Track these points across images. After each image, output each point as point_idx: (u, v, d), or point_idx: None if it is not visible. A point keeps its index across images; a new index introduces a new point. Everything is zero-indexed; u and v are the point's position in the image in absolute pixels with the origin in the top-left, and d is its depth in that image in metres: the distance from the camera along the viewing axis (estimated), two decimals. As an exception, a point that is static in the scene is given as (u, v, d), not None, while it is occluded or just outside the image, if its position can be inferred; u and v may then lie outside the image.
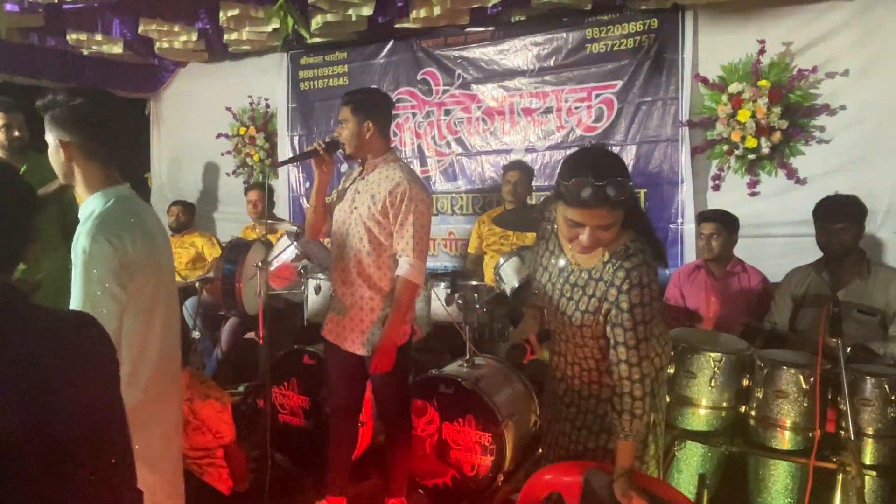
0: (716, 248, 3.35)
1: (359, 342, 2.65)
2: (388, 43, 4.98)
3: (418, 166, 4.93)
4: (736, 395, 2.55)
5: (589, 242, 1.74)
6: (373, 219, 2.58)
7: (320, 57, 5.29)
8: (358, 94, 2.72)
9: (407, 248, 2.57)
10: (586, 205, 1.68)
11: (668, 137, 4.08)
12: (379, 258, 2.61)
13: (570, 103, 4.37)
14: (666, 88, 4.08)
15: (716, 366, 2.52)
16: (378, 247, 2.61)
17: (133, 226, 1.77)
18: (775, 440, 2.45)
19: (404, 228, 2.57)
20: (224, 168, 5.84)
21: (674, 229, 4.09)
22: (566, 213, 1.74)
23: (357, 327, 2.65)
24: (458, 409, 2.99)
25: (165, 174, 6.23)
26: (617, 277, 1.81)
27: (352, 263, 2.63)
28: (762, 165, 3.86)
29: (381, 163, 2.66)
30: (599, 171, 1.67)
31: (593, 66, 4.28)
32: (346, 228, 2.66)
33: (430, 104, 4.86)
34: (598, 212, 1.69)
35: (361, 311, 2.65)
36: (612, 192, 1.66)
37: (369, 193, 2.61)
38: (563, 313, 1.94)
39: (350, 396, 2.81)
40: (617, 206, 1.70)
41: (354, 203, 2.65)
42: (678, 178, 4.06)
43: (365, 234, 2.61)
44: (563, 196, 1.73)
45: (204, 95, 5.78)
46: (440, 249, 4.89)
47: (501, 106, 4.61)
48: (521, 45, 4.51)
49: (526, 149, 4.54)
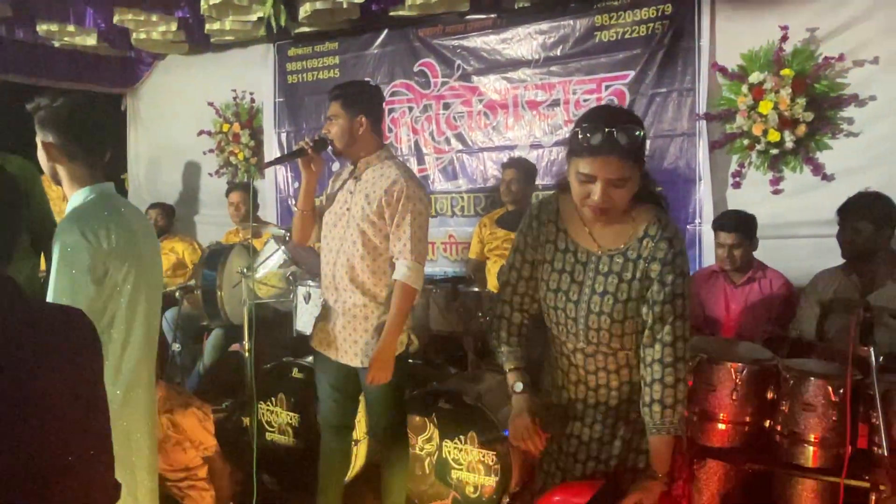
0: (738, 258, 3.32)
1: (352, 353, 2.65)
2: (382, 32, 4.99)
3: (415, 164, 4.94)
4: (759, 409, 2.55)
5: (601, 199, 1.72)
6: (367, 220, 2.59)
7: (309, 48, 5.30)
8: (348, 88, 2.73)
9: (405, 251, 2.57)
10: (597, 152, 1.69)
11: (685, 131, 4.08)
12: (374, 262, 2.62)
13: (579, 95, 4.37)
14: (681, 79, 4.08)
15: (737, 377, 2.51)
16: (373, 250, 2.61)
17: (108, 219, 1.87)
18: (802, 457, 2.43)
19: (401, 230, 2.57)
20: (206, 168, 5.85)
21: (691, 230, 4.08)
22: (577, 167, 1.74)
23: (350, 337, 2.66)
24: (459, 425, 2.99)
25: (143, 175, 6.23)
26: (660, 249, 1.80)
27: (344, 269, 2.63)
28: (786, 161, 3.85)
29: (374, 161, 2.67)
30: (610, 118, 1.71)
31: (603, 55, 4.28)
32: (338, 232, 2.67)
33: (428, 97, 4.87)
34: (609, 160, 1.69)
35: (355, 320, 2.65)
36: (624, 139, 1.67)
37: (363, 193, 2.62)
38: (595, 314, 1.85)
39: (342, 412, 2.81)
40: (629, 158, 1.70)
41: (347, 204, 2.66)
42: (695, 176, 4.06)
43: (359, 237, 2.61)
44: (573, 147, 1.75)
45: (184, 90, 5.79)
46: (439, 254, 4.89)
47: (504, 99, 4.61)
48: (526, 33, 4.51)
49: (531, 145, 4.54)
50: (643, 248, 1.82)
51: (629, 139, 1.68)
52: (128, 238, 1.90)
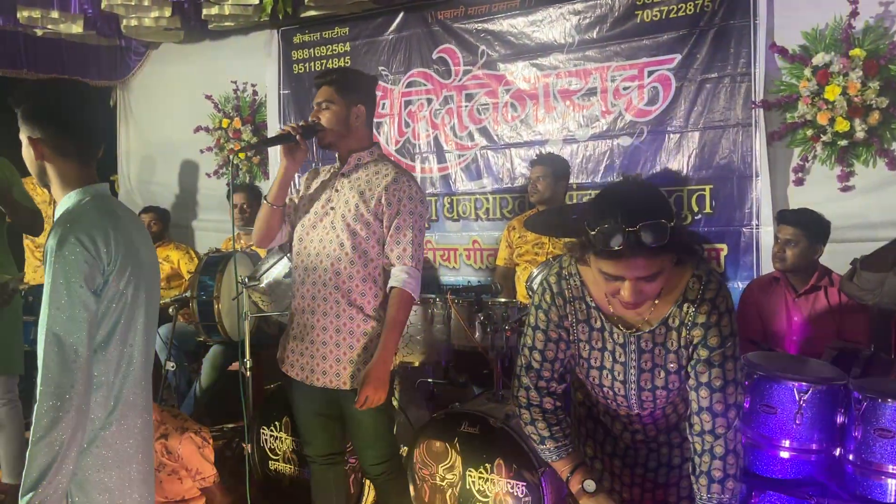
0: (790, 258, 3.32)
1: (334, 373, 2.62)
2: (398, 15, 5.03)
3: (435, 162, 4.96)
4: (828, 435, 2.51)
5: (632, 297, 1.73)
6: (361, 220, 2.59)
7: (317, 34, 5.35)
8: (346, 73, 2.74)
9: (404, 256, 2.58)
10: (620, 255, 1.67)
11: (739, 121, 4.05)
12: (364, 268, 2.61)
13: (618, 83, 4.36)
14: (735, 62, 4.05)
15: (801, 398, 2.48)
16: (363, 255, 2.60)
17: (106, 225, 1.87)
18: (878, 490, 2.39)
19: (401, 233, 2.58)
20: (204, 168, 5.91)
21: (747, 233, 4.04)
22: (599, 266, 1.74)
23: (331, 354, 2.62)
24: (484, 452, 2.97)
25: (134, 176, 6.32)
26: (701, 313, 1.83)
27: (328, 276, 2.61)
28: (857, 153, 3.80)
29: (367, 157, 2.69)
30: (631, 214, 1.65)
31: (645, 37, 4.27)
32: (318, 234, 2.65)
33: (449, 88, 4.89)
34: (635, 262, 1.67)
35: (339, 335, 2.61)
36: (649, 237, 1.63)
37: (356, 191, 2.62)
38: (647, 390, 1.94)
39: (331, 438, 2.79)
40: (659, 254, 1.68)
41: (331, 203, 2.65)
42: (751, 171, 4.02)
43: (347, 240, 2.59)
44: (592, 243, 1.72)
45: (179, 82, 5.88)
46: (462, 261, 4.88)
47: (534, 88, 4.61)
48: (558, 14, 4.52)
49: (564, 139, 4.53)
50: (684, 315, 1.85)
51: (656, 236, 1.64)
52: (127, 246, 1.90)
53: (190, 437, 2.98)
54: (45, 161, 1.92)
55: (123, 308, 1.90)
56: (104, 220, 1.88)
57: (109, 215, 1.91)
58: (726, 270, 4.09)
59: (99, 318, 1.84)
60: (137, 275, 1.93)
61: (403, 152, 5.07)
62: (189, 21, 5.18)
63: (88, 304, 1.80)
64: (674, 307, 1.85)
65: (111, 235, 1.85)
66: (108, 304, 1.86)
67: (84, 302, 1.79)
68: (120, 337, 1.90)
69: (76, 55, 5.69)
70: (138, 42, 5.88)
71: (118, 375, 1.90)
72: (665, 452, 2.09)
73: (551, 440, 2.01)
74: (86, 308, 1.79)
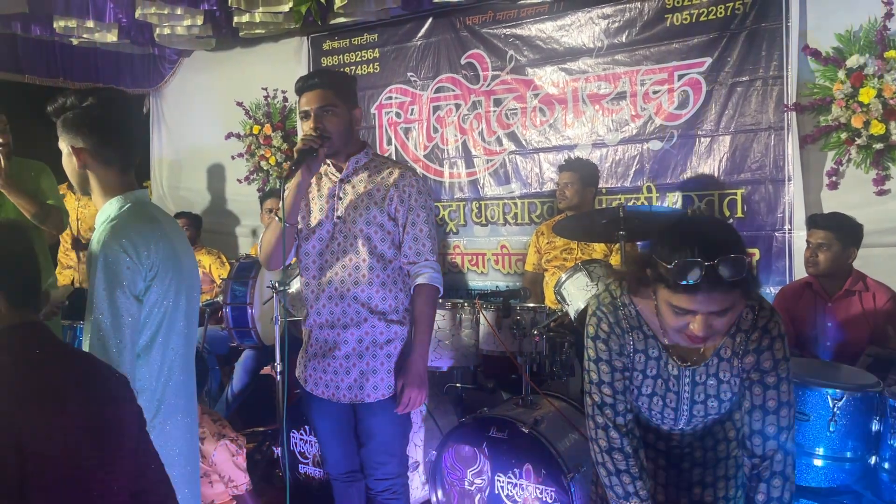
0: (822, 262, 3.28)
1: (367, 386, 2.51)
2: (427, 21, 5.06)
3: (464, 167, 4.98)
4: (862, 443, 2.48)
5: (703, 332, 1.70)
6: (374, 223, 2.51)
7: (346, 40, 5.40)
8: (339, 76, 2.64)
9: (424, 251, 2.53)
10: (696, 290, 1.65)
11: (771, 125, 4.02)
12: (383, 272, 2.52)
13: (648, 87, 4.34)
14: (767, 65, 4.02)
15: (835, 405, 2.45)
16: (381, 259, 2.52)
17: (148, 231, 1.90)
18: (915, 499, 2.36)
19: (417, 228, 2.52)
20: (235, 174, 5.98)
21: (779, 238, 4.01)
22: (670, 299, 1.71)
23: (355, 368, 2.52)
24: (513, 457, 2.97)
25: (167, 182, 6.42)
26: (752, 340, 1.85)
27: (345, 287, 2.51)
28: (892, 156, 3.75)
29: (364, 158, 2.60)
30: (709, 248, 1.64)
31: (675, 40, 4.26)
32: (330, 247, 2.55)
33: (477, 93, 4.90)
34: (711, 296, 1.66)
35: (361, 345, 2.52)
36: (728, 272, 1.62)
37: (364, 194, 2.53)
38: (699, 417, 1.97)
39: (350, 458, 2.67)
40: (735, 289, 1.67)
41: (337, 211, 2.55)
42: (784, 175, 3.99)
43: (363, 246, 2.51)
44: (661, 276, 1.71)
45: (211, 89, 5.97)
46: (490, 266, 4.89)
47: (563, 93, 4.61)
48: (587, 18, 4.52)
49: (593, 144, 4.53)
50: (737, 345, 1.86)
51: (734, 271, 1.63)
52: (168, 252, 1.93)
53: (226, 444, 3.00)
54: (88, 170, 1.93)
55: (165, 313, 1.92)
56: (146, 226, 1.90)
57: (151, 221, 1.94)
58: (758, 276, 4.04)
59: (141, 324, 1.87)
60: (178, 280, 1.96)
61: (432, 158, 5.10)
62: (220, 29, 5.26)
63: (131, 310, 1.82)
64: (727, 338, 1.86)
65: (153, 242, 1.88)
66: (151, 309, 1.89)
67: (127, 308, 1.81)
68: (162, 341, 1.92)
69: (110, 63, 5.80)
70: (171, 50, 5.98)
71: (160, 380, 1.93)
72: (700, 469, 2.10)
73: (636, 498, 1.92)
74: (129, 314, 1.82)
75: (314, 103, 2.48)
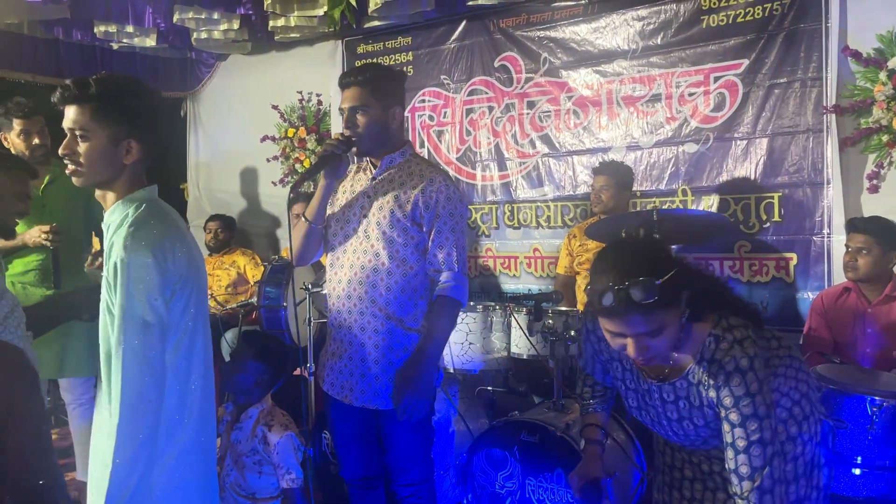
0: (862, 267, 3.22)
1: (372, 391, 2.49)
2: (460, 24, 5.07)
3: (496, 170, 4.97)
4: (902, 452, 2.43)
5: (636, 353, 1.75)
6: (398, 226, 2.44)
7: (380, 43, 5.43)
8: (378, 72, 2.52)
9: (449, 261, 2.44)
10: (612, 313, 1.71)
11: (810, 127, 3.96)
12: (403, 278, 2.46)
13: (683, 89, 4.31)
14: (805, 66, 3.97)
15: (875, 413, 2.42)
16: (402, 264, 2.46)
17: (173, 235, 1.88)
18: (957, 510, 2.31)
19: (443, 237, 2.44)
20: (270, 176, 6.05)
21: (818, 243, 3.95)
22: (601, 323, 1.80)
23: (370, 372, 2.49)
24: (544, 460, 2.97)
25: (203, 184, 6.50)
26: (711, 374, 1.80)
27: (363, 289, 2.47)
28: (935, 160, 3.68)
29: (399, 157, 2.54)
30: (621, 272, 1.69)
31: (711, 42, 4.22)
32: (353, 245, 2.52)
33: (511, 95, 4.90)
34: (629, 319, 1.70)
35: (377, 351, 2.47)
36: (638, 295, 1.65)
37: (391, 195, 2.47)
38: (680, 436, 1.96)
39: (367, 464, 2.65)
40: (655, 310, 1.68)
41: (364, 210, 2.50)
42: (823, 179, 3.93)
43: (384, 249, 2.45)
44: (591, 300, 1.77)
45: (247, 92, 6.03)
46: (522, 269, 4.88)
47: (597, 95, 4.59)
48: (621, 20, 4.49)
49: (627, 146, 4.50)
50: (700, 373, 1.82)
51: (644, 294, 1.65)
52: (189, 256, 1.91)
53: (291, 436, 3.02)
54: (126, 161, 1.88)
55: (189, 318, 1.91)
56: (171, 231, 1.89)
57: (172, 226, 1.92)
58: (796, 281, 3.99)
59: (169, 328, 1.85)
60: (199, 285, 1.96)
61: (464, 160, 5.10)
62: (256, 33, 5.33)
63: (161, 315, 1.81)
64: (694, 364, 1.83)
65: (177, 246, 1.86)
66: (180, 314, 1.88)
67: (158, 313, 1.80)
68: (188, 344, 1.91)
69: (149, 67, 5.90)
70: (208, 54, 6.06)
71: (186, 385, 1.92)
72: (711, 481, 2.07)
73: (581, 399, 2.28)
74: (159, 319, 1.81)
75: (347, 102, 2.47)
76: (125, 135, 1.86)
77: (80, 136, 1.84)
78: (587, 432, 2.22)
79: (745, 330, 1.80)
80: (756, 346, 1.78)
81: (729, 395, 1.75)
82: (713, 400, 1.80)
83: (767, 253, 4.08)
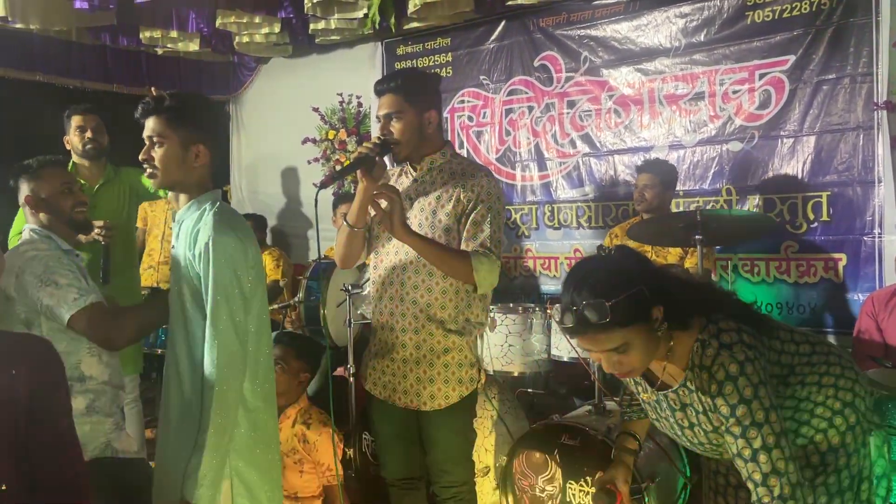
0: None
1: (424, 394, 2.51)
2: (499, 24, 5.05)
3: (536, 170, 4.95)
4: (959, 460, 2.34)
5: (610, 368, 1.75)
6: (439, 227, 2.47)
7: (420, 45, 5.44)
8: (411, 79, 2.55)
9: (481, 235, 2.42)
10: (573, 333, 1.73)
11: (859, 124, 3.87)
12: (444, 280, 2.47)
13: (727, 86, 4.23)
14: (855, 62, 3.88)
15: (928, 419, 2.32)
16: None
17: (247, 228, 2.13)
18: None
19: (478, 227, 2.43)
20: (311, 178, 6.09)
21: (868, 242, 3.85)
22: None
23: (412, 373, 2.51)
24: (585, 464, 2.94)
25: (246, 186, 6.59)
26: (703, 380, 1.77)
27: (405, 290, 2.50)
28: None
29: (440, 158, 2.56)
30: (578, 292, 1.69)
31: (756, 38, 4.14)
32: (395, 246, 2.54)
33: (551, 95, 4.87)
34: (591, 337, 1.71)
35: (419, 352, 2.49)
36: (593, 315, 1.66)
37: (433, 196, 2.51)
38: (696, 444, 1.93)
39: (408, 465, 2.67)
40: (615, 328, 1.67)
41: (406, 212, 2.50)
42: (873, 177, 3.84)
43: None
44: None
45: (288, 95, 6.09)
46: (563, 270, 4.84)
47: (639, 93, 4.54)
48: (663, 17, 4.43)
49: (670, 145, 4.43)
50: (696, 379, 1.79)
51: (597, 315, 1.65)
52: (256, 250, 2.11)
53: (329, 433, 3.05)
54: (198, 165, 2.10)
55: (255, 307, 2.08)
56: (245, 224, 2.14)
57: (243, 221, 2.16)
58: (845, 281, 3.90)
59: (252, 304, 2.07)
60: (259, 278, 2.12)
61: (504, 161, 5.08)
62: (297, 36, 5.38)
63: (245, 289, 2.02)
64: (688, 371, 1.80)
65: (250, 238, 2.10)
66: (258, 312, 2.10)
67: (242, 285, 2.01)
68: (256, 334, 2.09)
69: (192, 72, 6.01)
70: (249, 58, 6.14)
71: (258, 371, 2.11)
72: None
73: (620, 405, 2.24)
74: (242, 291, 2.01)
75: (382, 109, 2.50)
76: (195, 140, 2.08)
77: (156, 142, 2.07)
78: (619, 440, 2.22)
79: (737, 334, 1.75)
80: (748, 349, 1.73)
81: (724, 403, 1.72)
82: (712, 408, 1.78)
83: (815, 253, 3.99)
